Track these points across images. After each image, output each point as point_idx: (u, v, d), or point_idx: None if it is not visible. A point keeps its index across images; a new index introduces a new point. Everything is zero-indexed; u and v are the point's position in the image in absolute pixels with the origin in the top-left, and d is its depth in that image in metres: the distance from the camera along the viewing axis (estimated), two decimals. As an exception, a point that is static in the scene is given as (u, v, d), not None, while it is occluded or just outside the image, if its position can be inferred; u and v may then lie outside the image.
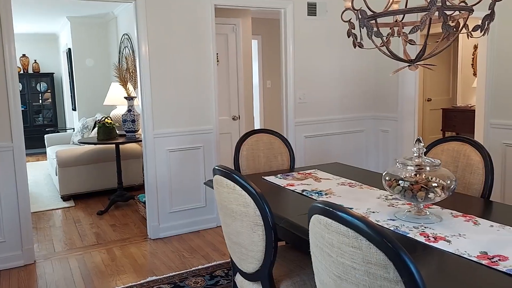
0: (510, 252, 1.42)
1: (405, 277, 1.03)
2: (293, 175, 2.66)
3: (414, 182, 1.77)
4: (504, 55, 3.37)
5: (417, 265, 1.38)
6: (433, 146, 2.51)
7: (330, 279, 1.22)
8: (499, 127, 3.44)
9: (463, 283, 1.27)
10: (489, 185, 2.16)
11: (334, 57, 4.46)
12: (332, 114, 4.52)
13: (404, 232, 1.65)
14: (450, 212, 1.86)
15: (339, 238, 1.14)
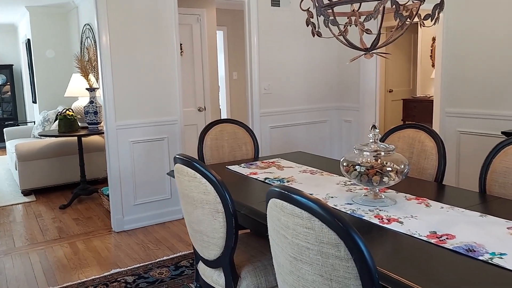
0: (457, 231, 1.49)
1: (355, 254, 1.07)
2: (257, 164, 2.69)
3: (370, 167, 1.83)
4: (458, 47, 3.51)
5: (371, 245, 1.44)
6: (390, 134, 2.60)
7: (286, 261, 1.26)
8: (454, 115, 3.59)
9: (412, 260, 1.34)
10: (441, 170, 2.26)
11: (299, 48, 4.50)
12: (297, 105, 4.57)
13: (360, 215, 1.71)
14: (404, 195, 1.94)
15: (294, 220, 1.17)
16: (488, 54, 3.30)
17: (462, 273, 1.22)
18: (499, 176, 1.96)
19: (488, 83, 3.32)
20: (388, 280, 1.20)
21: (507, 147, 1.97)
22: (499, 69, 3.24)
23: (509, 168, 1.92)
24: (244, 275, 1.77)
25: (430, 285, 1.14)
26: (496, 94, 3.27)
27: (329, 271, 1.12)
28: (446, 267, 1.26)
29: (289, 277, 1.26)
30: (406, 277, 1.18)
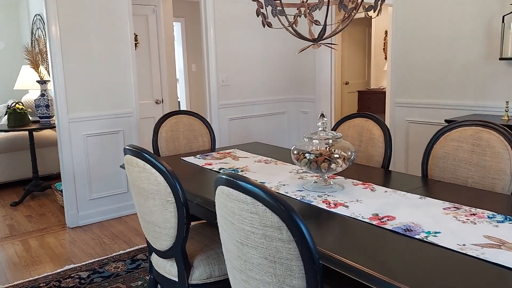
0: (398, 213, 1.58)
1: (297, 236, 1.11)
2: (212, 155, 2.70)
3: (319, 154, 1.89)
4: (406, 41, 3.65)
5: (318, 229, 1.50)
6: (342, 123, 2.68)
7: (234, 246, 1.28)
8: (403, 105, 3.75)
9: (355, 241, 1.40)
10: (388, 156, 2.36)
11: (256, 40, 4.53)
12: (255, 97, 4.60)
13: (309, 200, 1.76)
14: (352, 181, 2.02)
15: (239, 206, 1.20)
16: (433, 47, 3.46)
17: (400, 251, 1.30)
18: (439, 161, 2.07)
19: (433, 74, 3.48)
20: (329, 260, 1.25)
21: (447, 133, 2.08)
22: (443, 61, 3.41)
23: (448, 153, 2.04)
24: (197, 264, 1.78)
25: (368, 263, 1.20)
26: (440, 85, 3.44)
27: (273, 254, 1.15)
28: (385, 246, 1.33)
29: (237, 262, 1.29)
30: (346, 256, 1.24)
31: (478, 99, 3.22)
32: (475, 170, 1.92)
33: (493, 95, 3.13)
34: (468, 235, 1.35)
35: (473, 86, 3.23)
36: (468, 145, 1.96)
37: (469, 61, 3.24)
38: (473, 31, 3.20)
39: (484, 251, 1.23)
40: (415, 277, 1.12)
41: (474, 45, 3.20)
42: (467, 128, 2.00)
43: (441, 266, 1.18)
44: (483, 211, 1.54)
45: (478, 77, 3.20)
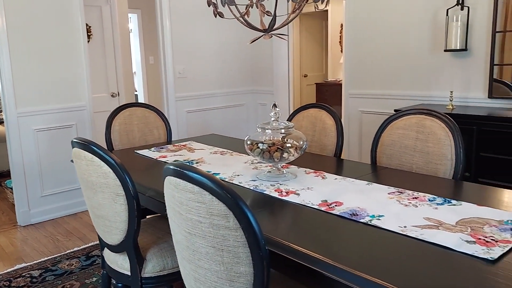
0: (345, 199, 1.62)
1: (243, 223, 1.13)
2: (168, 148, 2.67)
3: (272, 144, 1.91)
4: (358, 33, 3.74)
5: (270, 216, 1.52)
6: (296, 113, 2.72)
7: (183, 236, 1.28)
8: (356, 96, 3.85)
9: (304, 227, 1.43)
10: (339, 145, 2.43)
11: (213, 32, 4.50)
12: (213, 89, 4.58)
13: (262, 190, 1.79)
14: (304, 170, 2.06)
15: (186, 196, 1.20)
16: (383, 39, 3.57)
17: (345, 235, 1.34)
18: (386, 148, 2.15)
19: (383, 66, 3.60)
20: (277, 246, 1.27)
21: (393, 122, 2.16)
22: (392, 54, 3.53)
23: (394, 141, 2.12)
24: (149, 257, 1.77)
25: (315, 248, 1.23)
26: (390, 76, 3.56)
27: (220, 242, 1.16)
28: (332, 231, 1.37)
29: (186, 252, 1.29)
30: (294, 242, 1.27)
31: (425, 90, 3.36)
32: (419, 156, 2.01)
33: (439, 86, 3.27)
34: (409, 217, 1.41)
35: (421, 77, 3.37)
36: (412, 132, 2.05)
37: (417, 53, 3.37)
38: (420, 24, 3.33)
39: (423, 232, 1.29)
40: (358, 259, 1.17)
41: (421, 38, 3.33)
42: (411, 116, 2.09)
43: (383, 247, 1.23)
44: (424, 195, 1.61)
45: (425, 69, 3.34)
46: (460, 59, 3.14)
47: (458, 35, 3.02)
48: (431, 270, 1.08)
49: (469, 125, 2.68)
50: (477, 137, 2.66)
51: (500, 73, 3.01)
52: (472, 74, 3.08)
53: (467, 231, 1.28)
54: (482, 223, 1.32)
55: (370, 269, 1.09)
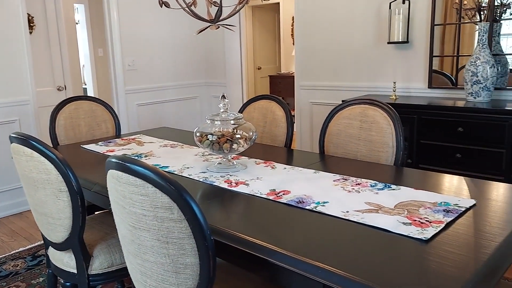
0: (293, 187, 1.66)
1: (188, 214, 1.12)
2: (116, 142, 2.60)
3: (221, 135, 1.91)
4: (308, 26, 3.80)
5: (219, 207, 1.53)
6: (248, 105, 2.74)
7: (127, 230, 1.26)
8: (307, 88, 3.92)
9: (251, 216, 1.45)
10: (290, 136, 2.47)
11: (163, 23, 4.41)
12: (165, 82, 4.50)
13: (212, 181, 1.79)
14: (255, 160, 2.08)
15: (129, 189, 1.18)
16: (331, 32, 3.65)
17: (291, 222, 1.37)
18: (333, 138, 2.22)
19: (332, 59, 3.69)
20: (224, 235, 1.29)
21: (339, 112, 2.23)
22: (340, 46, 3.62)
23: (341, 130, 2.19)
24: (96, 253, 1.73)
25: (261, 236, 1.25)
26: (338, 68, 3.66)
27: (165, 234, 1.16)
28: (279, 218, 1.40)
29: (131, 247, 1.28)
30: (241, 231, 1.28)
31: (371, 81, 3.48)
32: (363, 145, 2.09)
33: (384, 77, 3.40)
34: (351, 202, 1.47)
35: (367, 68, 3.48)
36: (357, 122, 2.12)
37: (362, 45, 3.48)
38: (365, 17, 3.43)
39: (364, 216, 1.35)
40: (302, 244, 1.20)
41: (367, 31, 3.44)
42: (356, 106, 2.16)
43: (326, 232, 1.28)
44: (367, 181, 1.68)
45: (370, 60, 3.45)
46: (402, 51, 3.28)
47: (400, 28, 3.15)
48: (370, 252, 1.14)
49: (410, 114, 2.81)
50: (417, 125, 2.79)
51: (441, 65, 3.17)
52: (414, 65, 3.23)
53: (404, 213, 1.35)
54: (418, 206, 1.40)
55: (312, 254, 1.12)
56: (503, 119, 2.47)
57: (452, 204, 1.40)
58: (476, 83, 2.69)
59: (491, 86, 2.69)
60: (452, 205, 1.39)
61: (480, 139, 2.55)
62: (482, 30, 2.68)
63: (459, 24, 2.99)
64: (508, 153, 2.45)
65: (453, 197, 1.46)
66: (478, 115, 2.56)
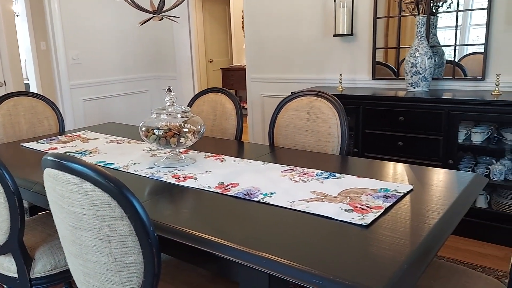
0: (241, 180, 1.66)
1: (129, 212, 1.10)
2: (59, 139, 2.49)
3: (168, 129, 1.88)
4: (258, 19, 3.81)
5: (165, 203, 1.50)
6: (197, 98, 2.71)
7: (67, 231, 1.22)
8: (257, 81, 3.94)
9: (199, 210, 1.45)
10: (240, 129, 2.47)
11: (110, 15, 4.25)
12: (112, 75, 4.36)
13: (159, 177, 1.75)
14: (204, 154, 2.06)
15: (67, 187, 1.13)
16: (279, 25, 3.68)
17: (239, 215, 1.38)
18: (282, 129, 2.24)
19: (281, 51, 3.72)
20: (169, 231, 1.27)
21: (287, 104, 2.26)
22: (288, 38, 3.65)
23: (289, 122, 2.22)
24: (39, 256, 1.65)
25: (207, 230, 1.25)
26: (287, 61, 3.70)
27: (106, 233, 1.12)
28: (226, 211, 1.40)
29: (72, 247, 1.23)
30: (187, 226, 1.27)
31: (319, 73, 3.55)
32: (311, 135, 2.13)
33: (331, 69, 3.48)
34: (298, 192, 1.50)
35: (315, 61, 3.55)
36: (304, 113, 2.16)
37: (310, 38, 3.54)
38: (312, 10, 3.49)
39: (309, 205, 1.38)
40: (249, 236, 1.21)
41: (314, 23, 3.49)
42: (303, 98, 2.20)
43: (273, 222, 1.29)
44: (313, 171, 1.72)
45: (318, 53, 3.52)
46: (347, 44, 3.37)
47: (344, 20, 3.23)
48: (314, 239, 1.16)
49: (356, 104, 2.90)
50: (362, 115, 2.89)
51: (385, 56, 3.28)
52: (358, 57, 3.33)
53: (347, 200, 1.39)
54: (359, 193, 1.45)
55: (258, 245, 1.14)
56: (440, 107, 2.61)
57: (391, 190, 1.46)
58: (415, 73, 2.82)
59: (429, 77, 2.83)
60: (391, 191, 1.45)
61: (419, 127, 2.69)
62: (420, 23, 2.81)
63: (399, 17, 3.11)
64: (445, 140, 2.60)
65: (392, 183, 1.53)
66: (417, 104, 2.69)
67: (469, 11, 2.87)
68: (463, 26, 2.91)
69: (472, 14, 2.86)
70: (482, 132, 2.60)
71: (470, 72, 2.90)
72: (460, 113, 2.55)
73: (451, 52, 2.96)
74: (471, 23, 2.89)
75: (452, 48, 2.95)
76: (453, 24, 2.91)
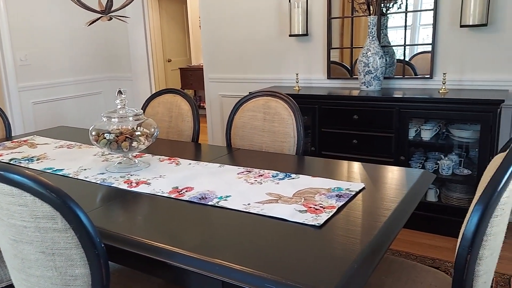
0: (196, 183, 1.63)
1: (73, 223, 1.05)
2: (5, 145, 2.36)
3: (119, 133, 1.82)
4: (214, 18, 3.77)
5: (115, 210, 1.45)
6: (151, 100, 2.65)
7: (8, 244, 1.15)
8: (215, 81, 3.91)
9: (151, 216, 1.40)
10: (197, 130, 2.44)
11: (59, 13, 4.07)
12: (64, 77, 4.18)
13: (110, 183, 1.69)
14: (159, 157, 2.02)
15: (5, 199, 1.07)
16: (236, 24, 3.66)
17: (193, 220, 1.35)
18: (238, 130, 2.23)
19: (238, 51, 3.70)
20: (119, 240, 1.22)
21: (244, 104, 2.25)
22: (245, 38, 3.64)
23: (245, 122, 2.21)
24: (-20, 271, 1.55)
25: (159, 237, 1.22)
26: (244, 61, 3.69)
27: (50, 246, 1.07)
28: (180, 217, 1.37)
29: (14, 261, 1.16)
30: (138, 234, 1.23)
31: (276, 73, 3.57)
32: (267, 136, 2.13)
33: (287, 68, 3.50)
34: (253, 194, 1.49)
35: (272, 60, 3.56)
36: (260, 113, 2.16)
37: (266, 37, 3.54)
38: (267, 10, 3.49)
39: (264, 207, 1.37)
40: (203, 242, 1.18)
41: (269, 23, 3.50)
42: (259, 98, 2.20)
43: (227, 226, 1.28)
44: (269, 172, 1.71)
45: (275, 53, 3.53)
46: (303, 43, 3.40)
47: (299, 21, 3.25)
48: (268, 242, 1.16)
49: (312, 104, 2.94)
50: (319, 114, 2.93)
51: (341, 56, 3.34)
52: (314, 57, 3.36)
53: (301, 201, 1.40)
54: (314, 193, 1.46)
55: (211, 251, 1.12)
56: (391, 106, 2.69)
57: (344, 189, 1.48)
58: (368, 73, 2.88)
59: (381, 76, 2.91)
60: (344, 190, 1.47)
61: (372, 125, 2.76)
62: (371, 24, 2.88)
63: (352, 18, 3.17)
64: (396, 137, 2.68)
65: (345, 182, 1.55)
66: (370, 103, 2.76)
67: (417, 12, 2.97)
68: (413, 25, 3.01)
69: (422, 14, 2.96)
70: (431, 129, 2.70)
71: (420, 70, 3.01)
72: (410, 111, 2.63)
73: (403, 51, 3.05)
74: (421, 23, 2.99)
75: (403, 48, 3.04)
76: (404, 24, 3.00)
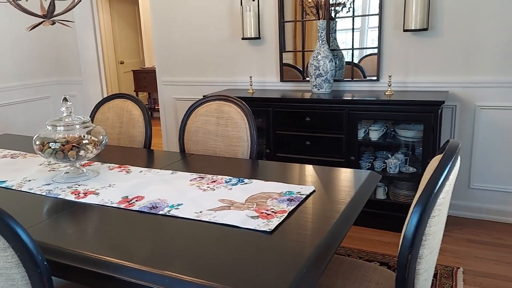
0: (147, 192, 1.60)
1: (13, 241, 1.00)
2: None
3: (65, 142, 1.75)
4: (166, 20, 3.71)
5: (60, 224, 1.39)
6: (101, 105, 2.57)
7: None
8: (169, 84, 3.85)
9: (99, 229, 1.36)
10: (149, 136, 2.39)
11: (2, 17, 3.86)
12: (7, 82, 3.97)
13: (56, 194, 1.63)
14: (109, 165, 1.96)
15: None
16: (189, 27, 3.62)
17: (143, 231, 1.32)
18: (192, 135, 2.21)
19: (191, 54, 3.67)
20: (64, 256, 1.18)
21: (196, 109, 2.23)
22: (198, 41, 3.61)
23: (199, 127, 2.19)
24: None
25: (106, 250, 1.18)
26: (198, 64, 3.66)
27: (-13, 266, 1.01)
28: (129, 228, 1.34)
29: None
30: (84, 248, 1.19)
31: (230, 76, 3.56)
32: (221, 140, 2.13)
33: (241, 71, 3.51)
34: (206, 201, 1.48)
35: (225, 63, 3.56)
36: (213, 118, 2.15)
37: (219, 40, 3.53)
38: (219, 13, 3.48)
39: (216, 214, 1.37)
40: (151, 253, 1.16)
41: (222, 26, 3.50)
42: (212, 103, 2.19)
43: (178, 236, 1.26)
44: (222, 177, 1.71)
45: (228, 56, 3.53)
46: (256, 47, 3.42)
47: (252, 24, 3.27)
48: (219, 250, 1.15)
49: (266, 106, 2.96)
50: (273, 116, 2.96)
51: (295, 59, 3.38)
52: (267, 60, 3.39)
53: (253, 207, 1.41)
54: (266, 198, 1.47)
55: (159, 262, 1.10)
56: (341, 108, 2.76)
57: (295, 193, 1.51)
58: (318, 76, 2.95)
59: (331, 78, 2.98)
60: (295, 194, 1.50)
61: (324, 126, 2.82)
62: (320, 27, 2.94)
63: (303, 22, 3.23)
64: (347, 138, 2.76)
65: (297, 186, 1.58)
66: (321, 105, 2.82)
67: (365, 16, 3.06)
68: (362, 28, 3.10)
69: (370, 18, 3.06)
70: (378, 129, 2.80)
71: (368, 72, 3.11)
72: (359, 112, 2.72)
73: (351, 54, 3.14)
74: (369, 26, 3.09)
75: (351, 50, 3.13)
76: (352, 27, 3.09)
